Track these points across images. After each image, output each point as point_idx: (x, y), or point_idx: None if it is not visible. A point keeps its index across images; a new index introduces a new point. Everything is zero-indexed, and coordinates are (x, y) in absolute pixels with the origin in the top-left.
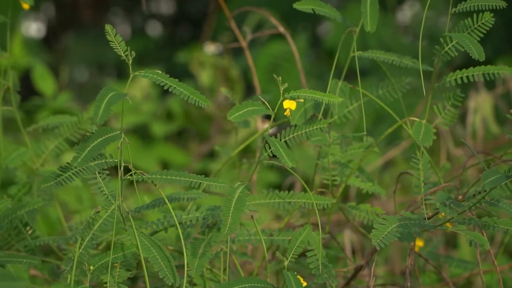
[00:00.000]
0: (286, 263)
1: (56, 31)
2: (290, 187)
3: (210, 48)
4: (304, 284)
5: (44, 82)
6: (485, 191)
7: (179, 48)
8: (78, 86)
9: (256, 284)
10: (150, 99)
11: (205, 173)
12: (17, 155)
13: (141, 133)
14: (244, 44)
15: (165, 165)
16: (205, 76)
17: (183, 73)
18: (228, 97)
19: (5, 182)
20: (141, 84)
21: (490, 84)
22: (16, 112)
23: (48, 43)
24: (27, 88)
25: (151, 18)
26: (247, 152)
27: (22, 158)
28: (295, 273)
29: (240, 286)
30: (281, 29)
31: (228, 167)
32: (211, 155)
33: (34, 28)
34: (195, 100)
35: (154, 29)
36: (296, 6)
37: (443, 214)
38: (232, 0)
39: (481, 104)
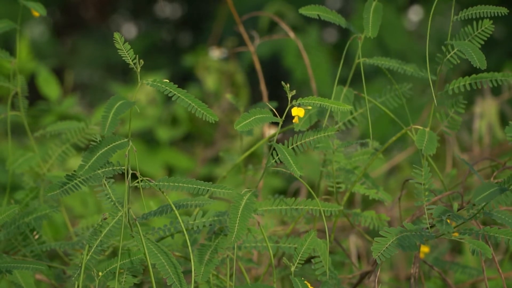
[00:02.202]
0: (293, 268)
1: (61, 33)
2: (295, 193)
3: (216, 53)
4: None
5: (49, 86)
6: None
7: (185, 51)
8: (84, 88)
9: None
10: (155, 103)
11: (210, 178)
12: (24, 160)
13: (146, 138)
14: (252, 48)
15: (170, 170)
16: (210, 81)
17: (188, 76)
18: (233, 103)
19: (11, 187)
20: (146, 88)
21: (496, 90)
22: (24, 118)
23: (54, 45)
24: (32, 92)
25: (157, 20)
26: (252, 157)
27: (29, 163)
28: (302, 278)
29: None
30: (291, 34)
31: (233, 173)
32: (216, 160)
33: (40, 30)
34: (203, 113)
35: (160, 31)
36: (301, 11)
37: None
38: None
39: (487, 110)
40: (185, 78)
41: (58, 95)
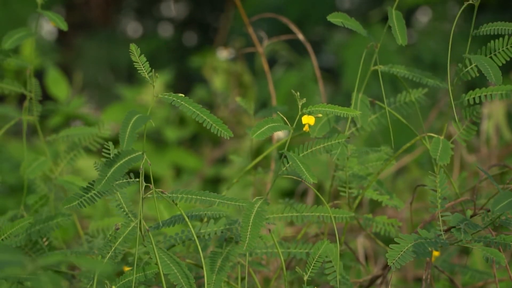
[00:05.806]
0: (306, 277)
1: (67, 32)
2: (303, 194)
3: (223, 54)
4: None
5: (57, 86)
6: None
7: (191, 51)
8: (89, 87)
9: None
10: (163, 104)
11: (218, 179)
12: (37, 165)
13: (154, 138)
14: (260, 49)
15: (178, 170)
16: (218, 81)
17: (194, 76)
18: (243, 106)
19: (21, 189)
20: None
21: None
22: (37, 122)
23: (60, 44)
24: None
25: (162, 20)
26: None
27: (42, 168)
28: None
29: None
30: (300, 36)
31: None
32: (224, 160)
33: (45, 30)
34: (217, 129)
35: (166, 31)
36: (329, 18)
37: None
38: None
39: (495, 111)
40: (191, 78)
41: (67, 95)
